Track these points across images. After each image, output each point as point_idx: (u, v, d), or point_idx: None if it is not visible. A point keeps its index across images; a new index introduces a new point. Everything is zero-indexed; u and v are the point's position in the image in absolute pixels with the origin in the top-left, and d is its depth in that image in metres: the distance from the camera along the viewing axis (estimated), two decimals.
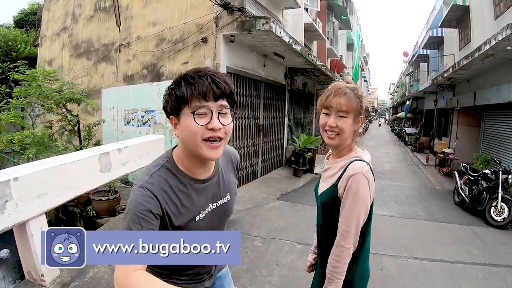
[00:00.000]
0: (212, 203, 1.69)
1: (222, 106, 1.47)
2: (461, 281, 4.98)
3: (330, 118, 1.94)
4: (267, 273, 4.77)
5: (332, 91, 1.96)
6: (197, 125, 1.42)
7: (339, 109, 1.91)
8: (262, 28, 7.48)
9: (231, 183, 1.84)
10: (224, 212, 1.78)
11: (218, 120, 1.45)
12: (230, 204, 1.82)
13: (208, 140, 1.45)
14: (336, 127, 1.92)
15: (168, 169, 1.56)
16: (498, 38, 7.92)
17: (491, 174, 8.69)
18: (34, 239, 3.58)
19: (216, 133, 1.45)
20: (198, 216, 1.61)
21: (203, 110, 1.43)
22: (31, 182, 3.51)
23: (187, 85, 1.43)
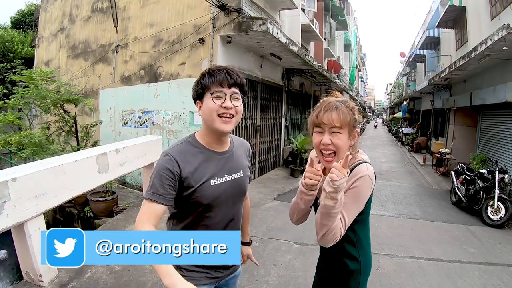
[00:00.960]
0: (228, 174, 2.03)
1: (234, 92, 1.90)
2: (458, 280, 5.00)
3: (324, 135, 1.85)
4: (265, 272, 4.79)
5: (321, 107, 1.89)
6: (214, 103, 1.85)
7: (331, 125, 1.81)
8: (259, 29, 7.49)
9: (244, 163, 2.18)
10: (238, 186, 2.08)
11: (230, 101, 1.87)
12: (243, 180, 2.13)
13: (221, 116, 1.87)
14: (331, 145, 1.83)
15: (189, 142, 2.00)
16: (494, 38, 7.94)
17: (487, 173, 8.72)
18: (32, 239, 3.58)
19: (228, 111, 1.87)
20: (213, 180, 1.94)
21: (219, 94, 1.86)
22: (29, 183, 3.51)
23: (209, 76, 1.89)
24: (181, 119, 8.63)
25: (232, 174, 2.05)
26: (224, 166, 2.02)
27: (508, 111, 10.36)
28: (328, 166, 1.85)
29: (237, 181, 2.07)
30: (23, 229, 3.53)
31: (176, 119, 8.73)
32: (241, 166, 2.13)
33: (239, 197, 2.13)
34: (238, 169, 2.10)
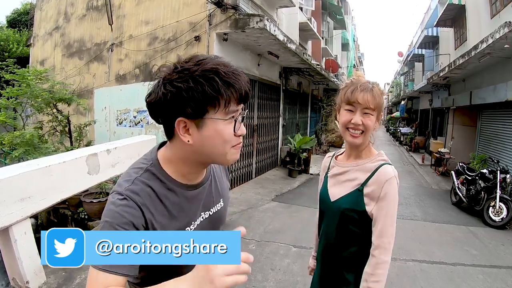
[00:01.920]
0: (204, 211, 1.46)
1: (243, 109, 1.29)
2: (461, 284, 4.91)
3: (355, 115, 1.77)
4: (262, 278, 4.63)
5: (357, 85, 1.79)
6: (228, 130, 1.21)
7: (366, 105, 1.75)
8: (256, 26, 7.39)
9: (224, 187, 1.62)
10: (217, 220, 1.54)
11: (240, 128, 1.27)
12: (223, 210, 1.59)
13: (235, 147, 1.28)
14: (362, 125, 1.77)
15: (153, 173, 1.30)
16: (495, 36, 7.86)
17: (489, 173, 8.64)
18: (18, 244, 3.44)
19: (240, 139, 1.28)
20: (188, 227, 1.38)
21: (233, 114, 1.22)
22: (14, 185, 3.36)
23: (224, 84, 1.16)
24: None
25: (211, 208, 1.51)
26: (201, 203, 1.45)
27: (509, 110, 10.27)
28: (353, 142, 1.83)
29: (217, 215, 1.54)
30: (8, 233, 3.38)
31: None
32: (221, 193, 1.58)
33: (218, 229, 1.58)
34: (218, 199, 1.55)
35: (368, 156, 1.89)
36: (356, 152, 1.92)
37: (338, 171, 1.95)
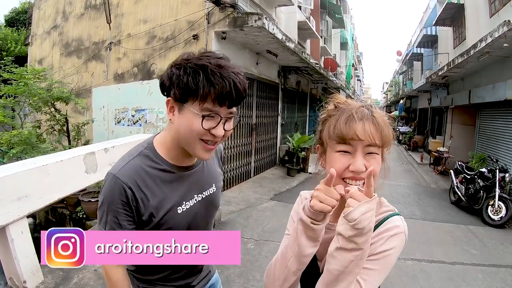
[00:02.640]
0: (197, 194, 1.59)
1: (231, 113, 1.37)
2: (461, 283, 4.92)
3: (356, 157, 1.17)
4: (260, 277, 4.62)
5: (351, 112, 1.20)
6: (201, 128, 1.31)
7: (370, 142, 1.16)
8: (255, 24, 7.37)
9: (216, 173, 1.73)
10: (211, 204, 1.67)
11: (223, 128, 1.36)
12: (216, 195, 1.71)
13: (205, 141, 1.36)
14: (364, 172, 1.15)
15: (147, 155, 1.46)
16: (494, 35, 7.87)
17: (487, 172, 8.65)
18: (15, 243, 3.42)
19: (215, 139, 1.36)
20: (180, 207, 1.51)
21: (210, 114, 1.30)
22: (10, 184, 3.35)
23: (206, 81, 1.26)
24: None
25: (204, 191, 1.62)
26: (193, 185, 1.58)
27: (507, 109, 10.29)
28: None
29: (209, 199, 1.65)
30: (5, 233, 3.36)
31: None
32: (213, 179, 1.70)
33: (211, 214, 1.73)
34: (210, 183, 1.67)
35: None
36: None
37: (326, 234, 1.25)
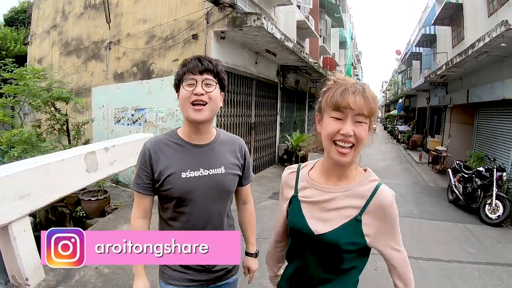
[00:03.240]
0: (204, 168, 1.93)
1: (206, 78, 1.85)
2: (458, 281, 4.96)
3: (346, 123, 1.41)
4: (259, 274, 4.63)
5: (346, 86, 1.44)
6: (185, 91, 1.83)
7: (359, 111, 1.39)
8: (254, 24, 7.42)
9: (228, 159, 2.02)
10: (218, 183, 1.95)
11: (201, 87, 1.83)
12: (224, 177, 1.97)
13: (194, 104, 1.82)
14: (353, 136, 1.41)
15: (170, 134, 2.01)
16: (492, 35, 7.91)
17: (485, 171, 8.70)
18: (18, 241, 3.47)
19: (200, 97, 1.82)
20: (184, 173, 1.88)
21: (191, 81, 1.83)
22: (13, 183, 3.40)
23: (182, 66, 1.89)
24: (174, 116, 8.52)
25: (210, 169, 1.93)
26: (201, 160, 1.94)
27: (505, 108, 10.34)
28: (340, 160, 1.44)
29: (215, 177, 1.93)
30: (7, 231, 3.41)
31: (170, 116, 8.62)
32: (222, 162, 1.98)
33: (220, 196, 1.98)
34: (217, 164, 1.96)
35: (354, 177, 1.58)
36: (339, 171, 1.56)
37: (320, 197, 1.56)
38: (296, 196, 1.64)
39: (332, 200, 1.53)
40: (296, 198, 1.64)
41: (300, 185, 1.66)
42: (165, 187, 1.86)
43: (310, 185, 1.61)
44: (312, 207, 1.57)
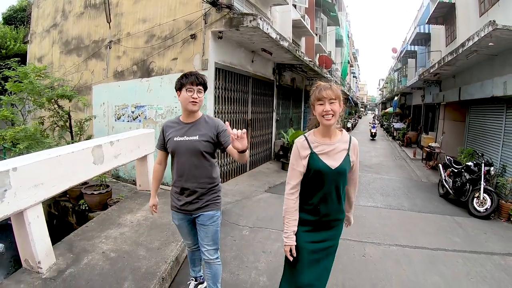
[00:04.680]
0: (187, 136, 3.23)
1: (199, 89, 3.20)
2: (441, 267, 5.19)
3: (325, 105, 2.63)
4: (254, 259, 4.97)
5: (320, 87, 2.70)
6: (187, 95, 3.14)
7: (330, 97, 2.63)
8: (250, 24, 7.62)
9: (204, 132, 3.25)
10: (193, 145, 3.21)
11: (196, 94, 3.16)
12: (196, 142, 3.21)
13: (191, 102, 3.15)
14: (331, 111, 2.62)
15: (177, 117, 3.44)
16: (480, 34, 8.07)
17: (474, 166, 8.90)
18: (32, 227, 3.72)
19: (195, 100, 3.16)
20: (177, 138, 3.24)
21: (190, 89, 3.15)
22: (29, 173, 3.66)
23: (185, 78, 3.16)
24: (173, 113, 8.71)
25: (190, 136, 3.22)
26: (187, 131, 3.25)
27: (494, 105, 10.54)
28: (329, 123, 2.65)
29: (192, 141, 3.21)
30: (22, 217, 3.67)
31: (169, 113, 8.83)
32: (198, 133, 3.23)
33: (194, 153, 3.21)
34: (194, 134, 3.22)
35: (339, 133, 2.85)
36: (329, 131, 2.76)
37: (330, 148, 2.75)
38: (313, 152, 2.74)
39: (335, 149, 2.75)
40: (314, 153, 2.74)
41: (313, 145, 2.76)
42: (168, 145, 3.32)
43: (320, 144, 2.76)
44: (326, 156, 2.73)
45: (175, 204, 3.41)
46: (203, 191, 3.31)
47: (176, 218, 3.47)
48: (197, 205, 3.32)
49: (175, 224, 3.54)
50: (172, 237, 5.04)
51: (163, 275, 4.01)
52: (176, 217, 3.47)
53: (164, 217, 5.76)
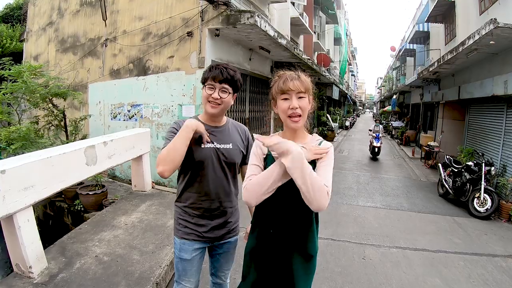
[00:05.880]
0: (217, 143, 2.57)
1: (223, 87, 2.48)
2: (442, 269, 5.13)
3: (292, 100, 2.04)
4: None
5: (285, 77, 2.10)
6: (206, 93, 2.49)
7: (298, 90, 2.04)
8: (247, 22, 7.53)
9: (236, 139, 2.69)
10: (225, 155, 2.58)
11: (218, 93, 2.47)
12: (231, 151, 2.62)
13: (210, 102, 2.49)
14: (298, 108, 2.04)
15: (194, 117, 2.68)
16: (481, 33, 8.01)
17: (474, 166, 8.85)
18: (22, 231, 3.62)
19: (215, 100, 2.47)
20: (204, 144, 2.51)
21: (211, 86, 2.48)
22: (18, 175, 3.55)
23: (209, 71, 2.51)
24: (169, 112, 8.64)
25: (221, 144, 2.58)
26: (215, 137, 2.58)
27: (494, 104, 10.49)
28: (295, 126, 2.09)
29: (225, 150, 2.58)
30: (12, 221, 3.56)
31: (165, 112, 8.74)
32: (232, 140, 2.65)
33: (228, 165, 2.61)
34: (228, 141, 2.62)
35: (305, 137, 2.22)
36: (296, 135, 2.18)
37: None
38: (270, 154, 2.12)
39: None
40: (270, 155, 2.12)
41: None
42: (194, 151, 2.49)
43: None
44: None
45: (193, 231, 2.60)
46: (232, 211, 2.74)
47: (189, 250, 2.62)
48: (225, 229, 2.70)
49: (181, 259, 2.64)
50: (167, 240, 4.93)
51: (157, 280, 3.91)
52: (189, 248, 2.62)
53: (158, 219, 5.65)
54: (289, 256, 2.13)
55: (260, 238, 2.21)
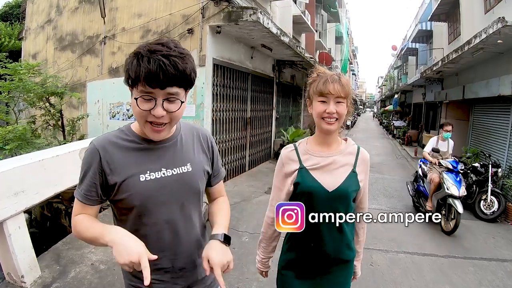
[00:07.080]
0: (167, 168, 1.60)
1: (169, 94, 1.41)
2: (452, 276, 4.97)
3: (329, 105, 1.88)
4: (255, 270, 4.66)
5: (326, 77, 1.90)
6: (140, 110, 1.41)
7: (338, 94, 1.86)
8: (249, 19, 7.40)
9: (192, 154, 1.72)
10: (186, 183, 1.65)
11: (162, 108, 1.41)
12: (192, 176, 1.67)
13: (152, 123, 1.46)
14: (336, 113, 1.88)
15: (122, 130, 1.62)
16: (489, 31, 7.89)
17: (480, 167, 8.69)
18: (13, 238, 3.47)
19: (159, 120, 1.43)
20: (143, 175, 1.54)
21: (148, 96, 1.39)
22: (7, 180, 3.38)
23: (137, 65, 1.35)
24: None
25: (175, 167, 1.62)
26: (161, 158, 1.60)
27: (501, 104, 10.34)
28: (330, 128, 1.91)
29: (183, 177, 1.63)
30: (2, 228, 3.42)
31: None
32: (189, 159, 1.69)
33: (188, 198, 1.68)
34: (184, 161, 1.66)
35: (340, 143, 2.07)
36: (329, 139, 2.01)
37: (324, 162, 1.98)
38: (303, 167, 1.99)
39: (334, 162, 1.98)
40: (303, 168, 1.99)
41: (303, 158, 2.03)
42: (123, 195, 1.52)
43: (313, 155, 2.02)
44: (320, 171, 1.97)
45: None
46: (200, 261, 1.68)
47: None
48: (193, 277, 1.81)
49: None
50: None
51: None
52: None
53: None
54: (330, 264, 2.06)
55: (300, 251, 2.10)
